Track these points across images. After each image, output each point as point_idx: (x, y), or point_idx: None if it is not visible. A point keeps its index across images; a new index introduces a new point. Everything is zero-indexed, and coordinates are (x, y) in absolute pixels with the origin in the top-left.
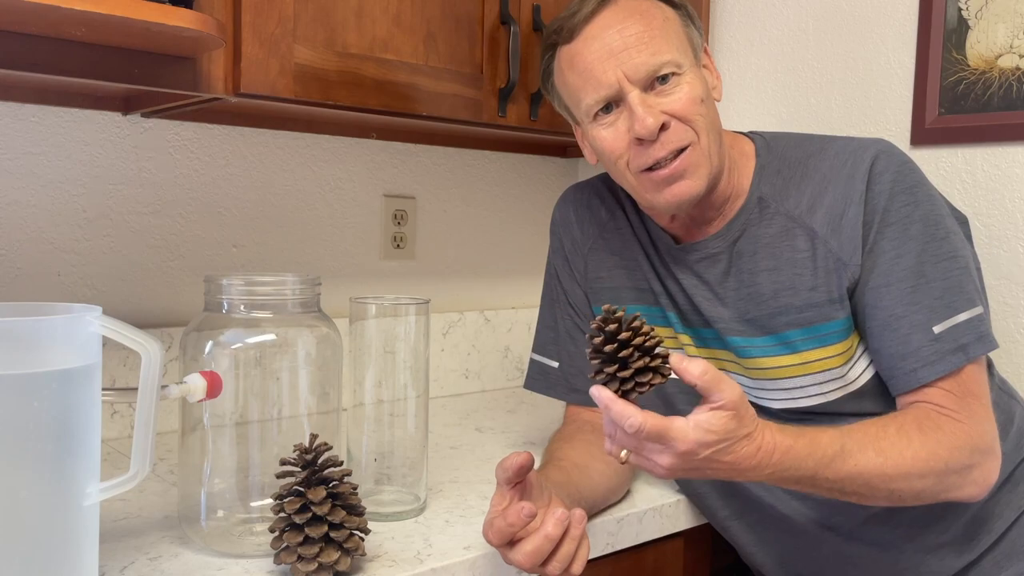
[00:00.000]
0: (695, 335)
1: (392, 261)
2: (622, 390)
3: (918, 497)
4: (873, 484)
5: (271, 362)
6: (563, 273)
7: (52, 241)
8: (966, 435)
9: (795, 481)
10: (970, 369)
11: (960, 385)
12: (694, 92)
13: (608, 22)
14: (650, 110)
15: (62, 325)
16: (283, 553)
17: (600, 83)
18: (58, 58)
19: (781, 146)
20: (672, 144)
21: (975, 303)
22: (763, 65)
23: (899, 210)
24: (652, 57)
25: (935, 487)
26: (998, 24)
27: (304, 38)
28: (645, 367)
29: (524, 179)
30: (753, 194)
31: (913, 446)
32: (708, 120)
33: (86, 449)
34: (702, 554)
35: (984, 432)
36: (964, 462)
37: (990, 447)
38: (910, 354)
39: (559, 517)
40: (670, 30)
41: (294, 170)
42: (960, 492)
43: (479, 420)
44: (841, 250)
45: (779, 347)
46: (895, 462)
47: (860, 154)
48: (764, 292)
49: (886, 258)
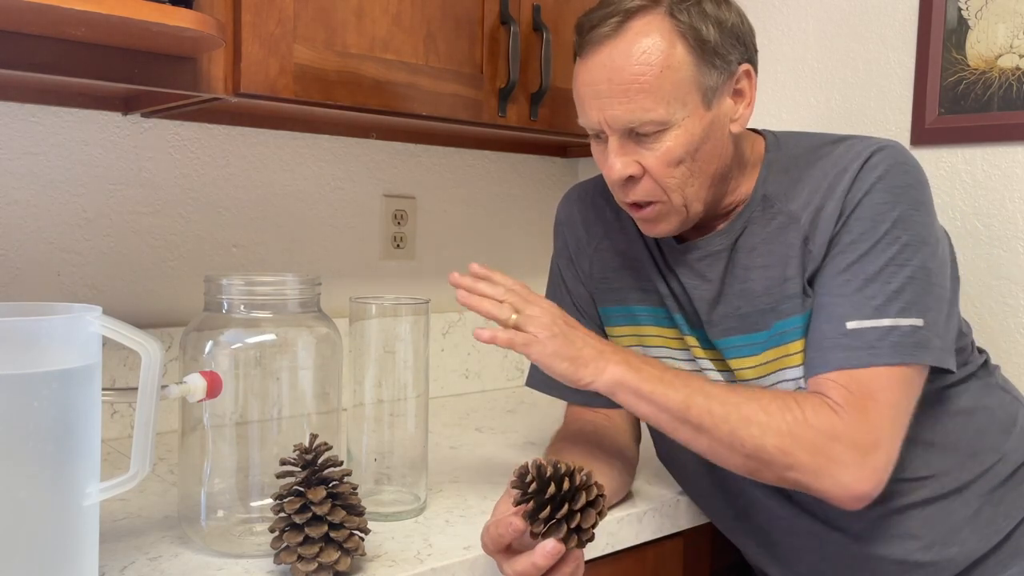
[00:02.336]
0: (701, 336)
1: (392, 261)
2: (577, 537)
3: (763, 457)
4: (714, 414)
5: (271, 362)
6: (567, 273)
7: (52, 241)
8: (832, 422)
9: (645, 381)
10: (879, 372)
11: (859, 385)
12: (673, 153)
13: (603, 60)
14: (622, 159)
15: (62, 325)
16: (283, 553)
17: (587, 117)
18: (58, 58)
19: (791, 144)
20: (638, 197)
21: (911, 314)
22: (763, 65)
23: (873, 206)
24: (630, 114)
25: (779, 453)
26: (998, 24)
27: (304, 38)
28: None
29: (524, 179)
30: (758, 192)
31: (762, 401)
32: (687, 177)
33: (86, 449)
34: (702, 554)
35: (863, 433)
36: (816, 443)
37: (865, 449)
38: (817, 343)
39: (549, 550)
40: (667, 81)
41: (294, 170)
42: (816, 481)
43: (479, 420)
44: (813, 241)
45: (764, 344)
46: (738, 403)
47: (860, 151)
48: (757, 289)
49: (838, 249)
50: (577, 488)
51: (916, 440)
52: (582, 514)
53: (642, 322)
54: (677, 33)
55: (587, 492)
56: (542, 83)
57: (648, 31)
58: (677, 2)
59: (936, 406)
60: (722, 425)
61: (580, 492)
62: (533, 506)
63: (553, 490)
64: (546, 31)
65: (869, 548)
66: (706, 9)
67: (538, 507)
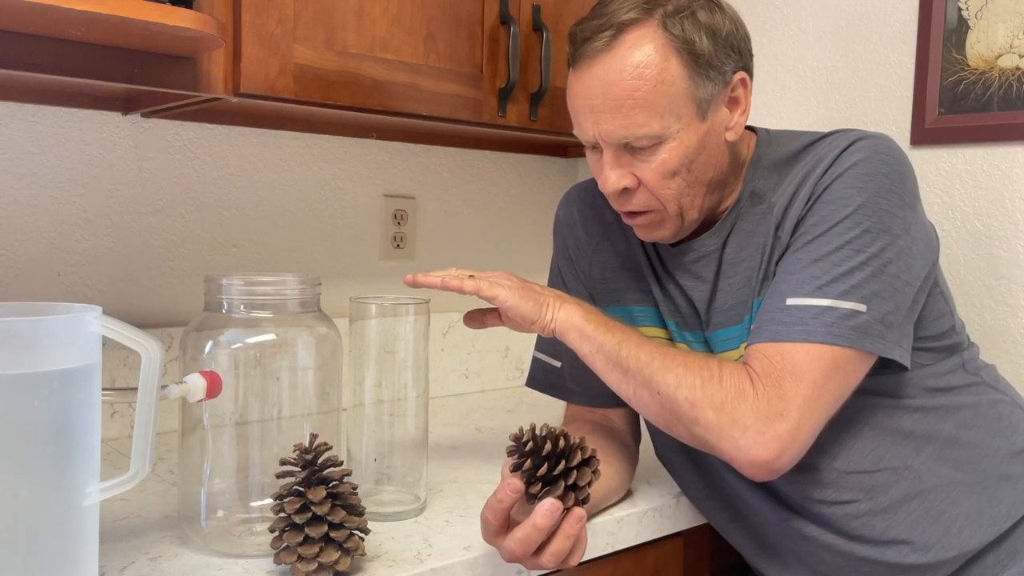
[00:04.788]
0: (691, 340)
1: (392, 261)
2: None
3: (675, 409)
4: (641, 359)
5: (271, 362)
6: (567, 273)
7: (52, 241)
8: (743, 387)
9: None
10: (805, 348)
11: (782, 357)
12: (667, 166)
13: (598, 73)
14: (617, 171)
15: (62, 325)
16: (283, 553)
17: (581, 129)
18: (58, 58)
19: (782, 139)
20: (633, 207)
21: (852, 298)
22: (763, 65)
23: (840, 190)
24: (625, 129)
25: (689, 407)
26: (998, 24)
27: (304, 38)
28: (579, 464)
29: (524, 179)
30: (746, 187)
31: (689, 358)
32: (682, 188)
33: (86, 449)
34: (702, 554)
35: (772, 402)
36: (722, 403)
37: (770, 416)
38: (758, 317)
39: (548, 508)
40: (661, 95)
41: (294, 170)
42: (720, 441)
43: (479, 420)
44: (783, 228)
45: (740, 336)
46: (665, 354)
47: (842, 142)
48: (740, 281)
49: (799, 232)
50: (572, 447)
51: (892, 430)
52: (578, 471)
53: (640, 323)
54: (671, 47)
55: (581, 451)
56: (542, 83)
57: (641, 44)
58: (670, 13)
59: (917, 398)
60: (644, 370)
61: (575, 451)
62: (530, 465)
63: (549, 447)
64: (546, 31)
65: (863, 551)
66: (700, 19)
67: (535, 468)
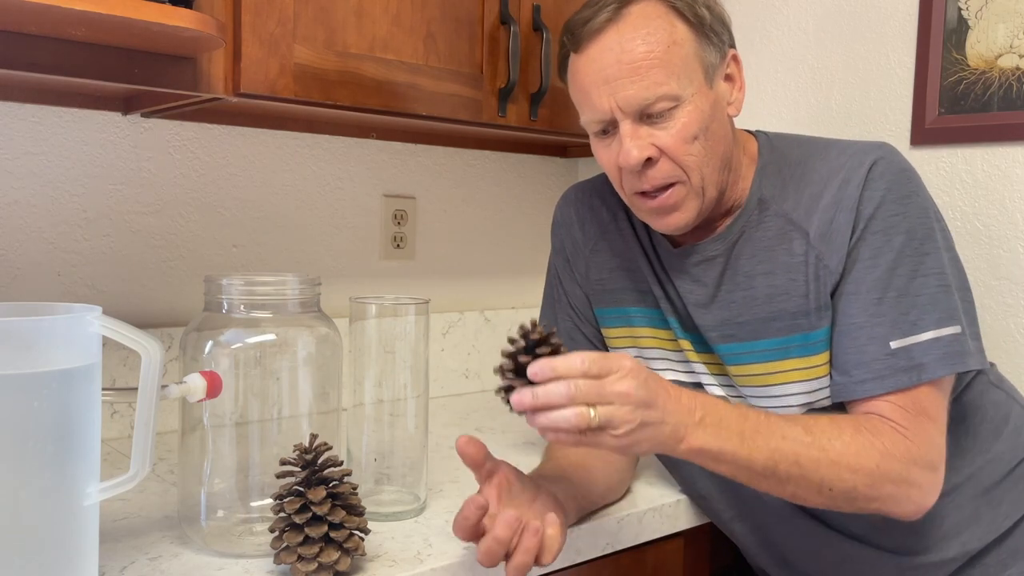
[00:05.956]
0: (695, 339)
1: (392, 261)
2: None
3: (850, 496)
4: (803, 464)
5: (271, 362)
6: (564, 274)
7: (52, 241)
8: (906, 447)
9: (726, 441)
10: (926, 389)
11: (913, 403)
12: (689, 129)
13: (609, 43)
14: (637, 142)
15: (62, 325)
16: (283, 553)
17: (595, 108)
18: (58, 58)
19: (783, 145)
20: (657, 181)
21: (949, 323)
22: (763, 65)
23: (886, 219)
24: (645, 91)
25: (868, 490)
26: (998, 24)
27: (304, 38)
28: None
29: (524, 179)
30: (753, 195)
31: (844, 438)
32: (703, 155)
33: (86, 449)
34: (702, 554)
35: (929, 451)
36: (900, 473)
37: (933, 466)
38: (863, 364)
39: (506, 519)
40: (675, 56)
41: (294, 170)
42: (897, 507)
43: (479, 420)
44: (828, 256)
45: (769, 353)
46: (823, 445)
47: (860, 158)
48: (759, 296)
49: (861, 266)
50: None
51: None
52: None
53: (637, 324)
54: (675, 12)
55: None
56: (542, 83)
57: (647, 12)
58: None
59: None
60: (812, 475)
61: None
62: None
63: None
64: (546, 31)
65: (867, 550)
66: None
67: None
